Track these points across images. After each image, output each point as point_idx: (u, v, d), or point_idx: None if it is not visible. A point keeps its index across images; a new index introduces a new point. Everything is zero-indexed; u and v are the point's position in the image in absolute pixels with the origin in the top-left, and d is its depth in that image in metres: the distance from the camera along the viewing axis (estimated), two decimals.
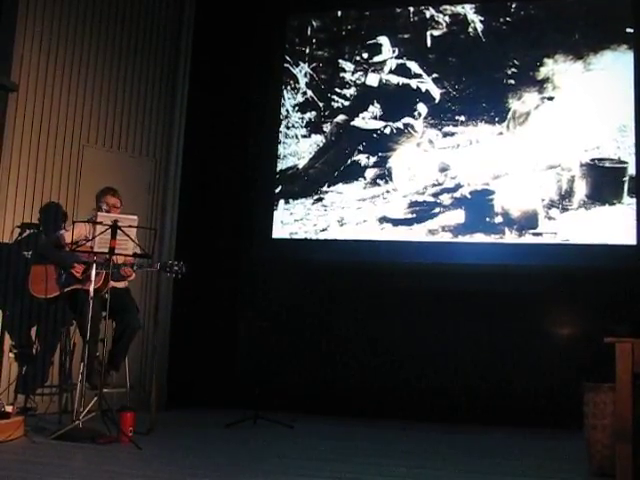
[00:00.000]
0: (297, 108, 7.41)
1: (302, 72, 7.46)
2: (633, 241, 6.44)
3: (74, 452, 4.45)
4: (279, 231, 7.24)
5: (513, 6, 7.06)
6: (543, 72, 6.88)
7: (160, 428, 5.23)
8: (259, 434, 5.53)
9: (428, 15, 7.24)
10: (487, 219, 6.76)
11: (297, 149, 7.35)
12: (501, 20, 7.07)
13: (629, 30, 6.72)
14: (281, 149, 7.38)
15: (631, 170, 6.53)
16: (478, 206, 6.79)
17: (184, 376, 6.68)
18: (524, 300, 6.44)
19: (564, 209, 6.63)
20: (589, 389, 4.35)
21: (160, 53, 6.95)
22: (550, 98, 6.83)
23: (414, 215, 6.94)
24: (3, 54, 6.06)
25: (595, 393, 4.30)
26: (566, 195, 6.64)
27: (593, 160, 6.63)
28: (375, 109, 7.21)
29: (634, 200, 6.48)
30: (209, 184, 7.24)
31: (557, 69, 6.85)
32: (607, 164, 6.62)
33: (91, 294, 4.90)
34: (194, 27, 7.13)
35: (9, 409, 4.77)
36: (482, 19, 7.09)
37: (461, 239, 6.80)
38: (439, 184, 6.92)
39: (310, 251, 7.07)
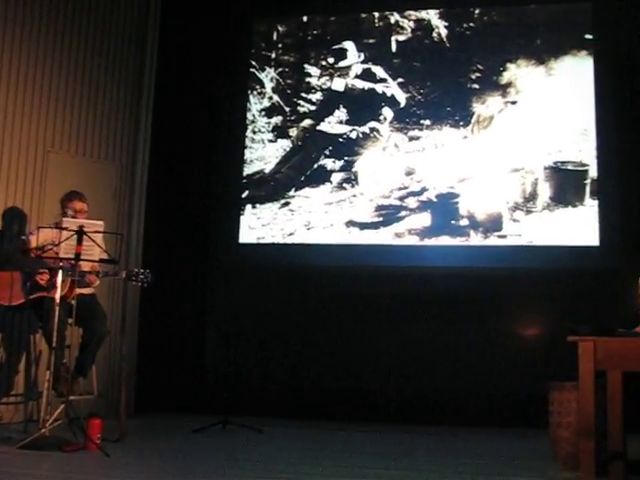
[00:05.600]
0: (263, 113, 7.43)
1: (268, 77, 7.48)
2: (596, 242, 6.56)
3: (41, 461, 4.39)
4: (246, 236, 7.24)
5: (476, 12, 7.16)
6: (506, 77, 6.97)
7: (128, 435, 5.19)
8: (228, 439, 5.53)
9: (393, 20, 7.31)
10: (453, 222, 6.84)
11: (263, 154, 7.36)
12: (465, 25, 7.16)
13: (588, 36, 6.86)
14: (248, 154, 7.38)
15: (592, 173, 6.66)
16: (444, 209, 6.86)
17: (152, 382, 6.64)
18: (490, 301, 6.52)
19: (528, 211, 6.73)
20: (553, 388, 4.42)
21: (125, 57, 6.92)
22: (513, 102, 6.93)
23: (380, 218, 6.98)
24: None
25: (559, 392, 4.37)
26: (530, 197, 6.74)
27: (556, 163, 6.75)
28: (341, 113, 7.25)
29: (596, 202, 6.61)
30: (176, 189, 7.22)
31: (520, 74, 6.96)
32: (569, 167, 6.74)
33: (57, 301, 4.85)
34: (160, 31, 7.12)
35: None
36: (446, 24, 7.18)
37: (427, 242, 6.86)
38: (405, 187, 6.98)
39: (277, 255, 7.08)
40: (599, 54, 6.82)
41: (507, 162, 6.81)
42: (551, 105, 6.83)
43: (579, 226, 6.62)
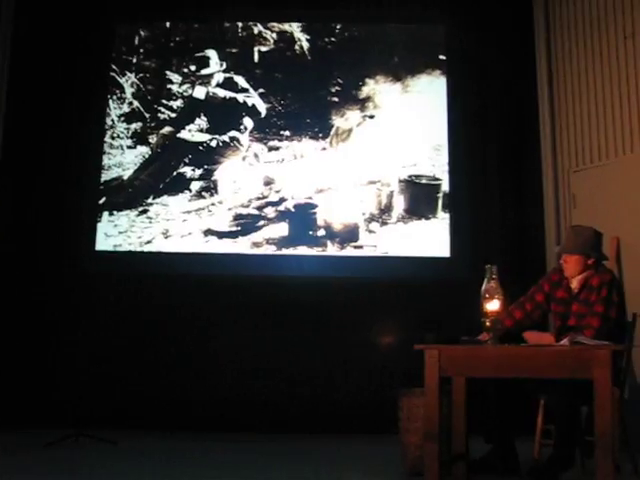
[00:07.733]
0: (123, 118, 7.28)
1: (129, 82, 7.34)
2: (447, 254, 6.86)
3: None
4: (102, 243, 7.03)
5: (338, 27, 7.34)
6: (365, 91, 7.18)
7: None
8: (81, 452, 5.37)
9: (256, 31, 7.37)
10: (310, 232, 6.94)
11: (122, 160, 7.20)
12: (326, 40, 7.32)
13: (442, 57, 7.19)
14: (106, 160, 7.19)
15: (445, 187, 6.96)
16: (301, 219, 6.95)
17: (1, 397, 6.36)
18: (345, 311, 6.66)
19: (384, 223, 6.94)
20: (403, 394, 4.60)
21: None
22: (371, 116, 7.15)
23: (239, 228, 6.99)
24: None
25: (408, 398, 4.55)
26: (385, 209, 6.96)
27: (410, 177, 7.00)
28: (201, 122, 7.22)
29: (447, 215, 6.91)
30: (29, 195, 6.94)
31: (378, 89, 7.18)
32: (423, 181, 7.01)
33: None
34: (13, 30, 6.85)
35: None
36: (308, 38, 7.31)
37: (285, 251, 6.93)
38: (264, 197, 7.04)
39: (134, 264, 6.93)
40: (451, 74, 7.16)
41: (364, 174, 7.00)
42: (407, 121, 7.09)
43: (431, 238, 6.89)
